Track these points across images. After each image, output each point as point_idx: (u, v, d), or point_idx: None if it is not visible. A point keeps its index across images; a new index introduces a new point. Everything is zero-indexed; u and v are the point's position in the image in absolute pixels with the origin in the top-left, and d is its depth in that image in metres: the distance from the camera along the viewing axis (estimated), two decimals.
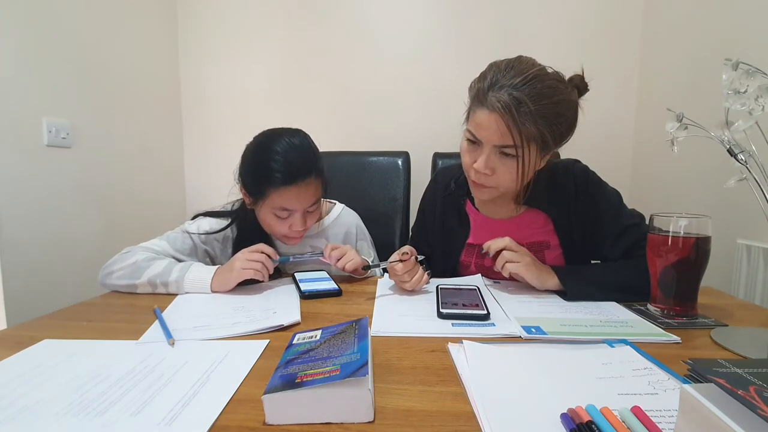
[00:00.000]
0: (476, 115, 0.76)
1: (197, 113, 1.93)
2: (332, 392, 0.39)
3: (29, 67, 1.26)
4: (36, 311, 0.75)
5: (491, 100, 0.72)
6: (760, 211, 0.57)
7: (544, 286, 0.79)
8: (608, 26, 1.69)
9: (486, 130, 0.75)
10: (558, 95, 0.73)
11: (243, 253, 0.84)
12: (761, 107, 0.56)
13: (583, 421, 0.36)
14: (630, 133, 1.74)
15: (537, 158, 0.77)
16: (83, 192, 1.43)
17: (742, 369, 0.34)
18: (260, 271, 0.82)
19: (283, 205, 0.88)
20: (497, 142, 0.75)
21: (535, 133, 0.72)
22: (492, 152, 0.76)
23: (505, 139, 0.73)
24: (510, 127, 0.72)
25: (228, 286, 0.82)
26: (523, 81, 0.72)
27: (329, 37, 1.81)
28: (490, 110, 0.73)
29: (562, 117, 0.74)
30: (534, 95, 0.71)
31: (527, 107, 0.70)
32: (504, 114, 0.71)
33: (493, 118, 0.73)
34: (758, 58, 0.60)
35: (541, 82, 0.72)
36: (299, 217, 0.90)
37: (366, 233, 1.13)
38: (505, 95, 0.71)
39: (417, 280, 0.80)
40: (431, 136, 1.71)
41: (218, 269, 0.84)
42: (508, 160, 0.76)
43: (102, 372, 0.49)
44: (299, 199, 0.88)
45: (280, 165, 0.85)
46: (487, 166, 0.77)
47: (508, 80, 0.72)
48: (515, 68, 0.74)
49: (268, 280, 0.85)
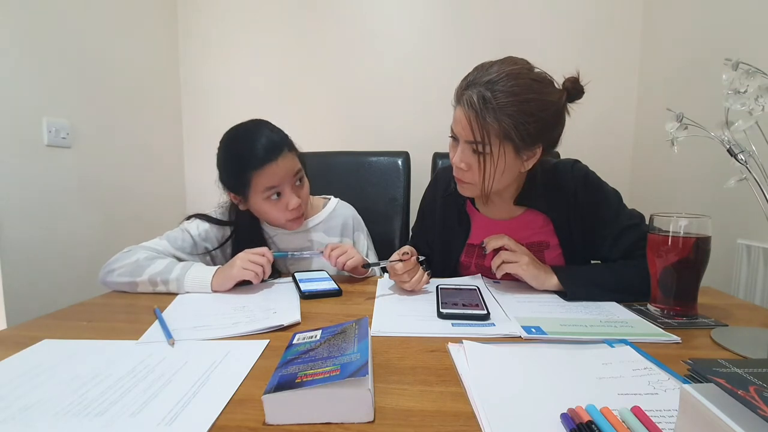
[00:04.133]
0: (455, 112, 0.79)
1: (197, 113, 1.93)
2: (332, 392, 0.38)
3: (29, 67, 1.25)
4: (36, 311, 0.75)
5: (464, 97, 0.75)
6: (760, 211, 0.57)
7: (543, 286, 0.79)
8: (608, 26, 1.69)
9: (458, 126, 0.78)
10: (529, 94, 0.73)
11: (246, 253, 0.84)
12: (761, 107, 0.56)
13: (583, 421, 0.36)
14: (630, 133, 1.73)
15: (510, 158, 0.77)
16: (83, 192, 1.43)
17: (742, 369, 0.34)
18: (258, 274, 0.83)
19: (269, 184, 0.89)
20: (467, 138, 0.77)
21: (498, 130, 0.73)
22: (465, 148, 0.78)
23: (470, 135, 0.75)
24: (472, 122, 0.74)
25: (227, 284, 0.82)
26: (495, 79, 0.73)
27: (329, 37, 1.81)
28: (461, 107, 0.76)
29: (532, 116, 0.73)
30: (502, 92, 0.72)
31: (491, 104, 0.72)
32: (469, 110, 0.74)
33: (463, 114, 0.76)
34: (758, 58, 0.59)
35: (514, 80, 0.73)
36: (290, 193, 0.91)
37: (362, 225, 1.14)
38: (474, 93, 0.73)
39: (417, 280, 0.80)
40: (431, 136, 1.70)
41: (219, 268, 0.84)
42: (480, 156, 0.77)
43: (102, 372, 0.49)
44: (281, 173, 0.89)
45: (250, 149, 0.88)
46: (462, 161, 0.79)
47: (483, 78, 0.74)
48: (494, 67, 0.75)
49: (259, 282, 0.85)
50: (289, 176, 0.91)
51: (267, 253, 0.86)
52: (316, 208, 1.08)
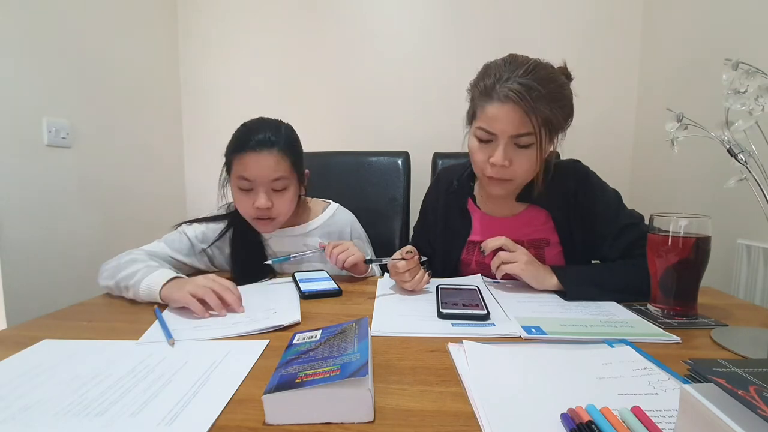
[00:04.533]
0: (486, 111, 0.78)
1: (197, 113, 1.93)
2: (332, 392, 0.38)
3: (29, 67, 1.25)
4: (36, 311, 0.75)
5: (502, 92, 0.75)
6: (760, 211, 0.57)
7: (543, 286, 0.79)
8: (608, 26, 1.69)
9: (501, 122, 0.76)
10: (559, 80, 0.78)
11: (205, 278, 0.72)
12: (761, 107, 0.56)
13: (583, 421, 0.36)
14: (630, 133, 1.73)
15: (548, 144, 0.79)
16: (83, 192, 1.43)
17: (742, 369, 0.34)
18: (204, 309, 0.67)
19: (242, 173, 0.88)
20: (513, 132, 0.76)
21: (548, 116, 0.75)
22: (509, 143, 0.78)
23: (521, 127, 0.75)
24: (527, 112, 0.74)
25: (173, 302, 0.71)
26: (525, 71, 0.75)
27: (329, 37, 1.81)
28: (503, 102, 0.75)
29: (567, 99, 0.78)
30: (540, 80, 0.74)
31: (538, 92, 0.73)
32: (519, 101, 0.73)
33: (507, 108, 0.75)
34: (758, 58, 0.59)
35: (542, 69, 0.76)
36: (262, 193, 0.88)
37: (361, 232, 1.13)
38: (515, 84, 0.74)
39: (418, 280, 0.80)
40: (431, 136, 1.70)
41: (174, 280, 0.74)
42: (523, 149, 0.78)
43: (102, 372, 0.49)
44: (257, 167, 0.86)
45: (240, 132, 0.91)
46: (506, 158, 0.78)
47: (512, 72, 0.75)
48: (513, 63, 0.77)
49: (205, 316, 0.68)
50: (266, 176, 0.87)
51: (234, 290, 0.72)
52: (315, 213, 1.07)
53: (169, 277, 0.74)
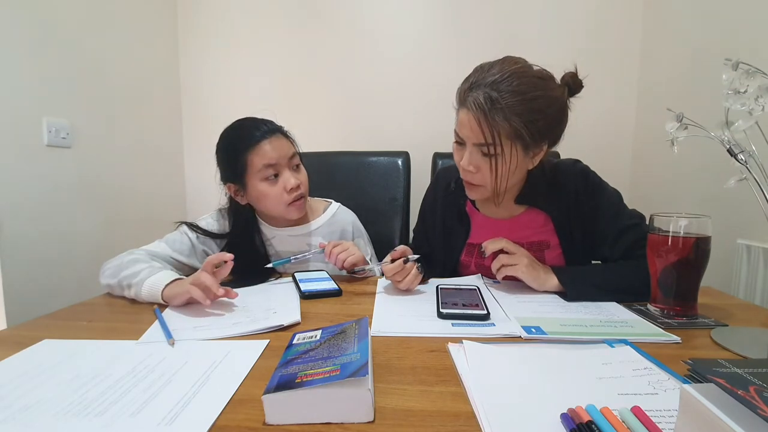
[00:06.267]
0: (459, 115, 0.79)
1: (197, 113, 1.93)
2: (332, 392, 0.38)
3: (29, 67, 1.25)
4: (36, 311, 0.75)
5: (469, 100, 0.75)
6: (760, 211, 0.57)
7: (543, 287, 0.79)
8: (608, 26, 1.69)
9: (465, 129, 0.77)
10: (535, 91, 0.73)
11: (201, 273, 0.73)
12: (761, 107, 0.56)
13: (583, 421, 0.36)
14: (630, 133, 1.73)
15: (520, 157, 0.77)
16: (83, 192, 1.43)
17: (742, 369, 0.34)
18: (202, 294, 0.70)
19: (265, 161, 0.90)
20: (475, 141, 0.76)
21: (508, 130, 0.73)
22: (474, 151, 0.78)
23: (480, 137, 0.75)
24: (481, 124, 0.73)
25: (176, 300, 0.72)
26: (499, 79, 0.73)
27: (329, 37, 1.81)
28: (467, 110, 0.75)
29: (540, 113, 0.74)
30: (509, 92, 0.72)
31: (499, 104, 0.72)
32: (477, 112, 0.73)
33: (470, 117, 0.75)
34: (758, 58, 0.59)
35: (518, 78, 0.73)
36: (288, 172, 0.93)
37: (362, 231, 1.13)
38: (480, 95, 0.73)
39: (410, 279, 0.80)
40: (431, 136, 1.70)
41: (176, 281, 0.75)
42: (490, 158, 0.77)
43: (102, 372, 0.49)
44: (276, 151, 0.91)
45: (245, 132, 0.92)
46: (471, 163, 0.79)
47: (486, 79, 0.74)
48: (496, 67, 0.75)
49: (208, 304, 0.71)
50: (285, 156, 0.92)
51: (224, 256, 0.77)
52: (317, 212, 1.07)
53: (171, 278, 0.75)
